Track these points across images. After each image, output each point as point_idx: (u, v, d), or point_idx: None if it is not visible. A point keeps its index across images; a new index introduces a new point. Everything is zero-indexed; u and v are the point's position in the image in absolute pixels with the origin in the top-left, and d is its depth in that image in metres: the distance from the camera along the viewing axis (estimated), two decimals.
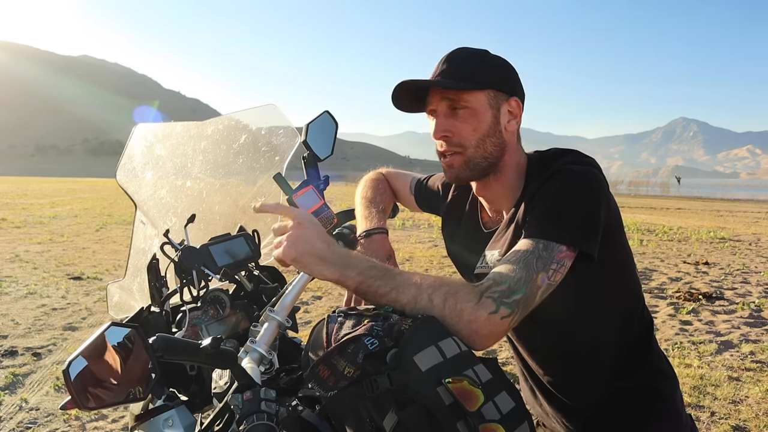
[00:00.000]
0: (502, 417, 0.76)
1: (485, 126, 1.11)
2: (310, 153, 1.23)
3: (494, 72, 1.13)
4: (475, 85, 1.10)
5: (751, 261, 8.64)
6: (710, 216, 18.59)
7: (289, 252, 0.95)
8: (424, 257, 8.41)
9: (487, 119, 1.11)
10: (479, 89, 1.10)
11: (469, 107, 1.11)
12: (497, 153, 1.14)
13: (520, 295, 0.92)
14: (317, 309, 5.32)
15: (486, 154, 1.13)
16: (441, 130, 1.13)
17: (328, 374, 0.81)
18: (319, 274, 0.96)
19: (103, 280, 6.55)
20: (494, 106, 1.12)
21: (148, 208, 1.34)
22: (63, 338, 4.44)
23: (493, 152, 1.13)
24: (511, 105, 1.14)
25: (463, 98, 1.10)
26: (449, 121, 1.12)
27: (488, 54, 1.14)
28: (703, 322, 5.13)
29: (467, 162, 1.13)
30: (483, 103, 1.11)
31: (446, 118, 1.13)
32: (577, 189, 1.03)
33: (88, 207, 17.31)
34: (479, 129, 1.11)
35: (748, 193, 57.13)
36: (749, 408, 3.30)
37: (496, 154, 1.14)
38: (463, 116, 1.11)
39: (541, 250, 0.96)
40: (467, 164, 1.14)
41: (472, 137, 1.11)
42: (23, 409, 3.19)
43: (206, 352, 0.86)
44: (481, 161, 1.13)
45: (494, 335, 0.90)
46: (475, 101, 1.11)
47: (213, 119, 1.46)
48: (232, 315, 1.29)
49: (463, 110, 1.11)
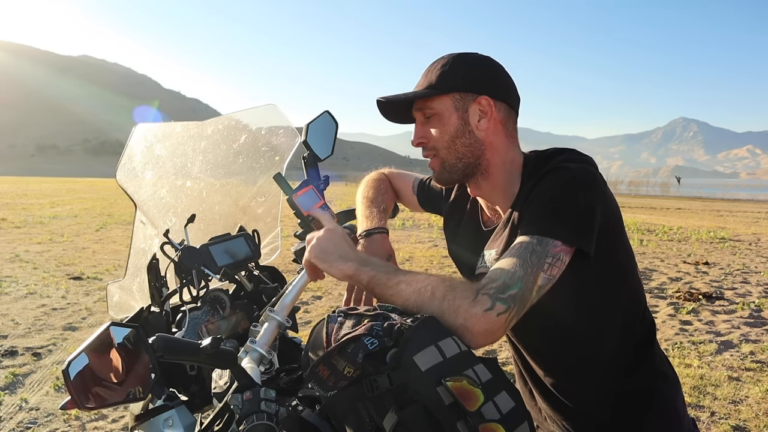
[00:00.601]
0: (502, 417, 0.76)
1: (452, 128, 1.15)
2: (310, 153, 1.23)
3: (459, 74, 1.15)
4: (438, 90, 1.14)
5: (751, 261, 8.64)
6: (710, 216, 18.59)
7: (314, 250, 1.06)
8: (424, 257, 8.41)
9: (453, 121, 1.15)
10: (442, 94, 1.14)
11: (436, 112, 1.15)
12: (471, 153, 1.16)
13: (515, 290, 0.92)
14: (317, 309, 5.32)
15: (459, 154, 1.16)
16: (417, 137, 1.20)
17: (328, 374, 0.81)
18: (337, 269, 1.03)
19: (103, 280, 6.55)
20: (461, 107, 1.15)
21: (148, 208, 1.34)
22: (63, 338, 4.44)
23: (465, 152, 1.16)
24: (481, 104, 1.14)
25: (428, 105, 1.16)
26: (424, 128, 1.18)
27: (459, 57, 1.16)
28: (703, 322, 5.13)
29: (442, 164, 1.18)
30: (448, 106, 1.15)
31: (422, 125, 1.19)
32: (572, 186, 1.03)
33: (88, 207, 17.32)
34: (446, 131, 1.15)
35: (748, 193, 57.15)
36: (749, 408, 3.30)
37: (470, 153, 1.16)
38: (432, 122, 1.17)
39: (536, 245, 0.97)
40: (443, 166, 1.19)
41: (441, 139, 1.16)
42: (23, 409, 3.19)
43: (206, 352, 0.87)
44: (456, 162, 1.17)
45: (491, 332, 0.90)
46: (440, 105, 1.15)
47: (213, 119, 1.46)
48: (232, 315, 1.29)
49: (432, 116, 1.17)
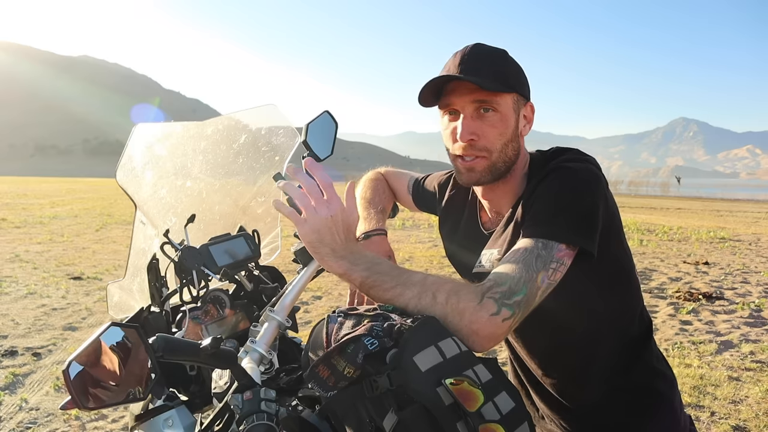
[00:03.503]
0: (501, 417, 0.76)
1: (510, 131, 1.09)
2: (310, 153, 1.23)
3: (518, 74, 1.10)
4: (506, 87, 1.07)
5: (751, 261, 8.64)
6: (710, 216, 18.58)
7: (308, 234, 0.95)
8: (424, 257, 8.41)
9: (512, 124, 1.09)
10: (508, 92, 1.07)
11: (499, 111, 1.07)
12: (515, 158, 1.13)
13: (521, 296, 0.91)
14: (317, 309, 5.32)
15: (507, 159, 1.11)
16: (468, 132, 1.07)
17: (328, 374, 0.81)
18: (326, 264, 0.96)
19: (103, 280, 6.55)
20: (517, 111, 1.10)
21: (148, 208, 1.34)
22: (63, 338, 4.44)
23: (512, 157, 1.12)
24: (527, 110, 1.13)
25: (495, 100, 1.06)
26: (476, 124, 1.08)
27: (507, 54, 1.11)
28: (703, 322, 5.13)
29: (490, 167, 1.10)
30: (510, 106, 1.09)
31: (474, 120, 1.08)
32: (576, 186, 1.02)
33: (88, 207, 17.31)
34: (505, 134, 1.09)
35: (748, 193, 57.15)
36: (749, 408, 3.30)
37: (515, 159, 1.13)
38: (491, 119, 1.07)
39: (541, 249, 0.96)
40: (490, 169, 1.10)
41: (498, 142, 1.08)
42: (23, 409, 3.19)
43: (206, 352, 0.86)
44: (502, 166, 1.11)
45: (494, 337, 0.89)
46: (505, 105, 1.08)
47: (213, 119, 1.46)
48: (232, 315, 1.29)
49: (493, 113, 1.07)
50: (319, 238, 0.94)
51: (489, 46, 1.10)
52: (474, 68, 1.05)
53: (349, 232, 0.97)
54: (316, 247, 0.95)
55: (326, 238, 0.95)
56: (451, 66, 1.08)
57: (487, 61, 1.07)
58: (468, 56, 1.07)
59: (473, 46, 1.09)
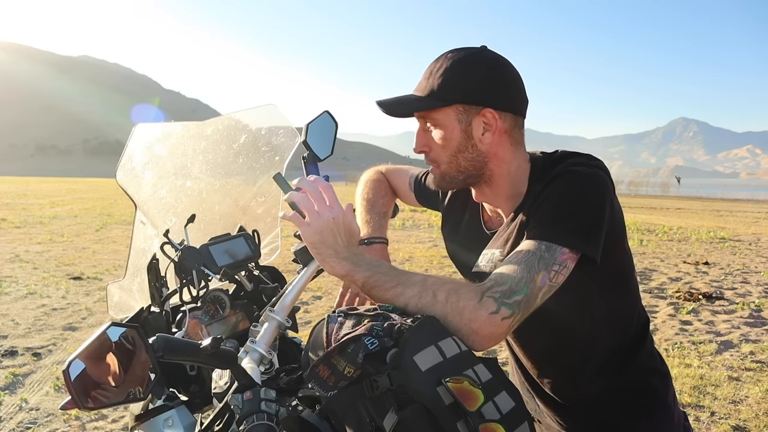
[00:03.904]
0: (502, 417, 0.76)
1: (455, 143, 1.09)
2: (310, 153, 1.23)
3: (465, 84, 1.07)
4: (442, 102, 1.07)
5: (751, 261, 8.64)
6: (710, 216, 18.59)
7: (311, 235, 0.96)
8: (424, 257, 8.41)
9: (456, 136, 1.09)
10: (446, 105, 1.07)
11: (438, 125, 1.10)
12: (473, 166, 1.12)
13: (521, 295, 0.91)
14: (317, 309, 5.32)
15: (460, 168, 1.12)
16: (419, 145, 1.14)
17: (328, 374, 0.81)
18: (329, 265, 0.97)
19: (103, 280, 6.55)
20: (464, 121, 1.08)
21: (148, 208, 1.34)
22: (63, 338, 4.44)
23: (468, 166, 1.11)
24: (485, 116, 1.08)
25: (431, 116, 1.10)
26: (426, 136, 1.13)
27: (462, 61, 1.07)
28: (703, 322, 5.13)
29: (443, 176, 1.15)
30: (451, 119, 1.08)
31: (423, 132, 1.13)
32: (582, 191, 1.01)
33: (88, 207, 17.31)
34: (449, 146, 1.10)
35: (748, 193, 57.19)
36: (749, 408, 3.30)
37: (473, 167, 1.12)
38: (434, 134, 1.11)
39: (543, 251, 0.96)
40: (443, 177, 1.15)
41: (444, 154, 1.11)
42: (23, 409, 3.19)
43: (206, 352, 0.86)
44: (457, 175, 1.13)
45: (494, 336, 0.89)
46: (443, 118, 1.08)
47: (213, 119, 1.46)
48: (232, 315, 1.29)
49: (434, 128, 1.11)
50: (322, 240, 0.96)
51: (452, 54, 1.08)
52: (421, 85, 1.10)
53: (350, 235, 0.99)
54: (319, 248, 0.97)
55: (329, 240, 0.96)
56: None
57: (434, 76, 1.08)
58: (425, 72, 1.11)
59: (438, 58, 1.10)
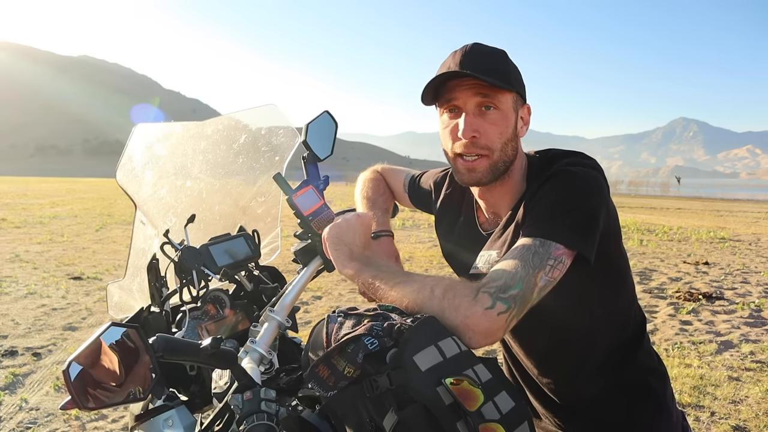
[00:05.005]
0: (501, 417, 0.76)
1: (510, 130, 1.08)
2: (310, 153, 1.23)
3: (517, 74, 1.09)
4: (507, 84, 1.05)
5: (751, 261, 8.64)
6: (710, 216, 18.59)
7: (333, 234, 1.05)
8: (424, 257, 8.41)
9: (512, 123, 1.08)
10: (509, 90, 1.06)
11: (500, 108, 1.06)
12: (511, 159, 1.11)
13: (516, 290, 0.91)
14: (317, 309, 5.32)
15: (506, 158, 1.09)
16: (471, 129, 1.05)
17: (328, 374, 0.81)
18: (341, 265, 1.02)
19: (103, 280, 6.55)
20: (516, 110, 1.10)
21: (148, 208, 1.34)
22: (63, 338, 4.44)
23: (511, 157, 1.11)
24: (524, 111, 1.13)
25: (497, 97, 1.05)
26: (478, 121, 1.06)
27: (508, 55, 1.10)
28: (703, 322, 5.13)
29: (491, 166, 1.08)
30: (510, 105, 1.08)
31: (476, 118, 1.06)
32: (577, 191, 1.02)
33: (88, 207, 17.31)
34: (505, 133, 1.07)
35: (748, 193, 57.21)
36: (749, 408, 3.30)
37: (509, 161, 1.11)
38: (492, 117, 1.06)
39: (538, 247, 0.96)
40: (491, 168, 1.08)
41: (499, 141, 1.07)
42: (23, 409, 3.19)
43: (206, 352, 0.87)
44: (502, 166, 1.09)
45: (491, 332, 0.88)
46: (506, 103, 1.06)
47: (213, 119, 1.46)
48: (232, 315, 1.29)
49: (494, 111, 1.06)
50: (340, 235, 1.04)
51: (488, 46, 1.10)
52: (476, 65, 1.04)
53: (366, 238, 1.06)
54: (336, 244, 1.03)
55: (347, 238, 1.04)
56: (451, 64, 1.07)
57: (488, 59, 1.06)
58: (468, 54, 1.06)
59: (473, 45, 1.08)
